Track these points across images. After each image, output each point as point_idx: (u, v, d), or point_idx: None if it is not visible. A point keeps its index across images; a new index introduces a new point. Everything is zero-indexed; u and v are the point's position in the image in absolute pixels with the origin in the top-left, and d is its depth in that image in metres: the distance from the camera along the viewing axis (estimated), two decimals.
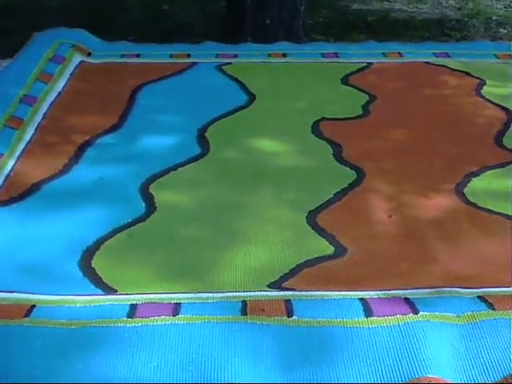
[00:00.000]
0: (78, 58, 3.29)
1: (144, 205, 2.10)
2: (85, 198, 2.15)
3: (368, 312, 1.44)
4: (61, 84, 3.00)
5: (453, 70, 3.29)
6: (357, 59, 3.43)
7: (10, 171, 2.26)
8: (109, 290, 1.64)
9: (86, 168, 2.35)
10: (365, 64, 3.37)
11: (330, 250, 1.85)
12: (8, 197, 2.12)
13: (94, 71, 3.21)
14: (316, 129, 2.69)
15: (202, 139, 2.59)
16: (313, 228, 1.96)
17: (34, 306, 1.49)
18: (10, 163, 2.30)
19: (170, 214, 2.06)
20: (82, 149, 2.47)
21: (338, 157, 2.46)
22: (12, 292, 1.57)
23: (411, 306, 1.47)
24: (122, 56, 3.38)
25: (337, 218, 2.03)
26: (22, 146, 2.43)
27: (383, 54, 3.53)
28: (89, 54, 3.37)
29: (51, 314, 1.46)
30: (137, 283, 1.68)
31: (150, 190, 2.19)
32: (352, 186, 2.22)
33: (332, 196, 2.15)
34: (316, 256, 1.82)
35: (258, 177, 2.31)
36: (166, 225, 2.00)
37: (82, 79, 3.11)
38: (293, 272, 1.73)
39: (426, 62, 3.40)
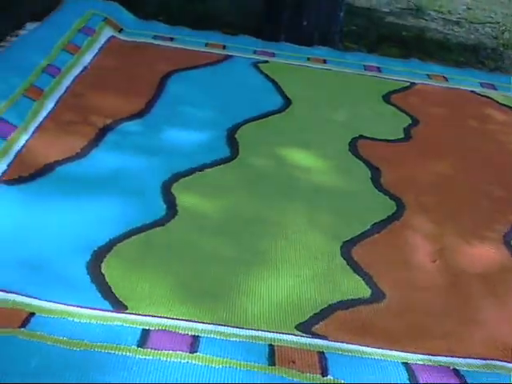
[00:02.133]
0: (108, 33, 3.09)
1: (165, 206, 1.91)
2: (101, 188, 1.95)
3: (413, 379, 1.26)
4: (88, 58, 2.80)
5: (499, 104, 3.10)
6: (400, 77, 3.24)
7: (22, 147, 2.06)
8: (118, 304, 1.45)
9: (105, 154, 2.15)
10: (408, 83, 3.18)
11: (366, 292, 1.65)
12: (17, 175, 1.92)
13: (124, 49, 3.01)
14: (354, 147, 2.50)
15: (231, 140, 2.39)
16: (348, 262, 1.77)
17: (32, 315, 1.30)
18: (23, 138, 2.10)
19: (192, 221, 1.87)
20: (102, 132, 2.27)
21: (377, 182, 2.27)
22: (11, 292, 1.37)
23: (461, 379, 1.28)
24: (155, 37, 3.18)
25: (374, 254, 1.84)
26: (38, 120, 2.23)
27: (427, 75, 3.34)
28: (120, 30, 3.17)
29: (51, 327, 1.27)
30: (150, 299, 1.49)
31: (173, 191, 1.99)
32: (391, 219, 2.03)
33: (369, 227, 1.96)
34: (351, 297, 1.63)
35: (289, 192, 2.12)
36: (187, 233, 1.80)
37: (110, 56, 2.91)
38: (324, 314, 1.54)
39: (472, 91, 3.21)
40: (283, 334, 1.38)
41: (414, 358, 1.33)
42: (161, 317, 1.39)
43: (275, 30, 4.00)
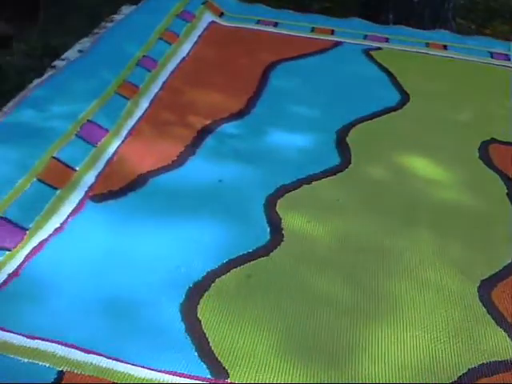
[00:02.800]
0: (208, 18, 2.85)
1: (269, 229, 1.66)
2: (198, 205, 1.73)
3: None
4: (186, 47, 2.58)
5: None
6: None
7: (113, 154, 1.86)
8: (217, 367, 1.22)
9: (203, 163, 1.92)
10: None
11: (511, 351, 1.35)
12: (106, 189, 1.73)
13: (225, 36, 2.77)
14: (484, 153, 2.15)
15: (342, 145, 2.11)
16: (488, 310, 1.46)
17: None
18: (115, 144, 1.90)
19: (300, 249, 1.61)
20: (201, 136, 2.05)
21: None
22: (91, 352, 1.18)
23: None
24: (258, 22, 2.91)
25: None
26: (132, 122, 2.03)
27: None
28: (221, 15, 2.92)
29: None
30: (252, 359, 1.26)
31: (278, 209, 1.74)
32: None
33: (510, 262, 1.64)
34: (494, 359, 1.32)
35: (411, 213, 1.82)
36: (294, 266, 1.55)
37: (210, 44, 2.67)
38: (465, 382, 1.25)
39: None
40: None
41: None
42: None
43: (382, 8, 3.65)
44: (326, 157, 2.03)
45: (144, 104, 2.14)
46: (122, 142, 1.93)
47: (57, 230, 1.53)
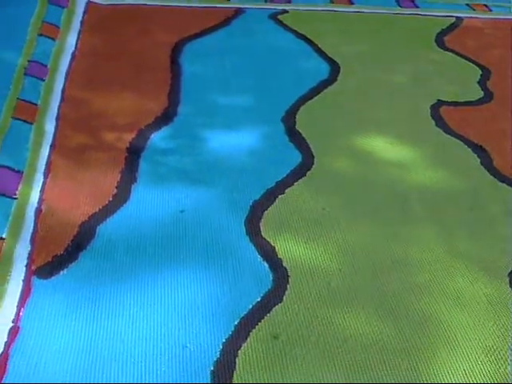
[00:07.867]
0: None
1: (267, 265, 1.36)
2: (171, 251, 1.36)
3: None
4: (72, 39, 2.12)
5: None
6: (440, 11, 2.69)
7: (39, 206, 1.43)
8: None
9: (150, 191, 1.55)
10: (453, 20, 2.64)
11: None
12: (49, 256, 1.31)
13: (109, 17, 2.33)
14: (440, 120, 1.97)
15: (295, 136, 1.82)
16: None
17: None
18: (35, 190, 1.46)
19: (312, 283, 1.33)
20: (133, 155, 1.66)
21: (491, 169, 1.76)
22: None
23: None
24: None
25: None
26: (44, 155, 1.59)
27: (468, 5, 2.82)
28: None
29: None
30: None
31: (264, 235, 1.44)
32: None
33: None
34: None
35: (403, 206, 1.59)
36: (316, 308, 1.26)
37: (96, 30, 2.23)
38: None
39: None
40: None
41: None
42: None
43: None
44: (284, 154, 1.74)
45: (49, 126, 1.69)
46: (43, 185, 1.49)
47: (13, 333, 1.12)
